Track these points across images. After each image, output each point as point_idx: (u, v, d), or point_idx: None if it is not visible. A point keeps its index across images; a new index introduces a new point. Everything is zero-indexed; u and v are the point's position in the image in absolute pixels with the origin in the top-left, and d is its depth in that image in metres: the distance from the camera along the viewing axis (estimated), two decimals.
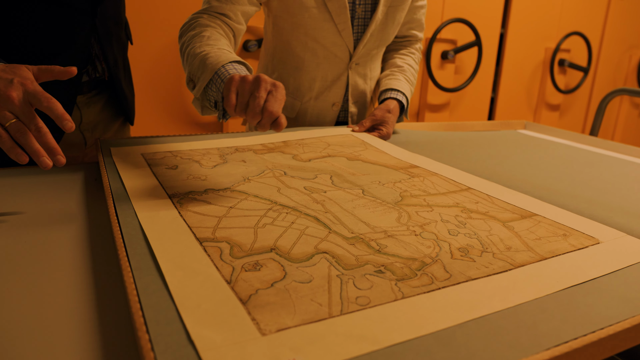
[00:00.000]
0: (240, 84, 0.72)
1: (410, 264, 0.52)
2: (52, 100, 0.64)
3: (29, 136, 0.63)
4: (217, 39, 0.94)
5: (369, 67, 1.28)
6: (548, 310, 0.44)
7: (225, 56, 0.84)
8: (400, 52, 1.34)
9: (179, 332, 0.38)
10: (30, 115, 0.63)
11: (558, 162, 1.02)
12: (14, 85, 0.64)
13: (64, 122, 0.63)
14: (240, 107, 0.71)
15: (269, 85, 0.70)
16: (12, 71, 0.66)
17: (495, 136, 1.27)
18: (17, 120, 0.63)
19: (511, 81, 3.19)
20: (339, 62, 1.22)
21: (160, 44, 2.09)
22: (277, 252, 0.53)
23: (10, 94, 0.63)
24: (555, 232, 0.62)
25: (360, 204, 0.68)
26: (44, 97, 0.64)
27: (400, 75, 1.27)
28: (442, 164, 0.90)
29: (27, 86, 0.64)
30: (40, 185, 0.77)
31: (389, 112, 1.17)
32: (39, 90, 0.64)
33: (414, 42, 1.36)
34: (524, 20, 3.08)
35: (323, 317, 0.41)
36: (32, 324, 0.43)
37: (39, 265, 0.53)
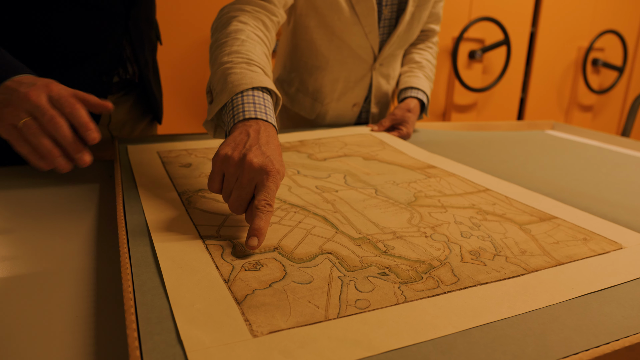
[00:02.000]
0: (224, 164, 0.56)
1: (417, 267, 0.50)
2: (77, 107, 0.59)
3: (42, 136, 0.58)
4: (252, 45, 0.76)
5: (392, 67, 1.26)
6: (560, 319, 0.42)
7: (250, 77, 0.67)
8: (417, 47, 1.31)
9: (169, 331, 0.37)
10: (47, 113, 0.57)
11: (585, 163, 0.98)
12: (36, 86, 0.59)
13: (87, 132, 0.59)
14: (225, 196, 0.57)
15: (256, 174, 0.54)
16: (40, 80, 0.62)
17: (520, 137, 1.23)
18: (30, 119, 0.58)
19: (541, 81, 3.11)
20: (362, 64, 1.19)
21: (185, 44, 2.11)
22: (280, 252, 0.51)
23: (28, 93, 0.58)
24: (574, 236, 0.59)
25: (371, 204, 0.66)
26: (67, 102, 0.59)
27: (419, 72, 1.24)
28: (461, 165, 0.87)
29: (51, 89, 0.59)
30: (56, 180, 0.78)
31: (409, 111, 1.15)
32: (64, 94, 0.59)
33: (431, 35, 1.33)
34: (556, 19, 2.99)
35: (318, 319, 0.40)
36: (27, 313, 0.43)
37: (44, 260, 0.53)
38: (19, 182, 0.77)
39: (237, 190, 0.55)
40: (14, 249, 0.56)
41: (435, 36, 1.33)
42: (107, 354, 0.39)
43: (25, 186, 0.75)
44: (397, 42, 1.18)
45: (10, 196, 0.71)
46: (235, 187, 0.55)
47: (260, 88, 0.67)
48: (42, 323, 0.43)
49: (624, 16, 3.24)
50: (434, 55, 1.32)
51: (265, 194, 0.53)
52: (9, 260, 0.53)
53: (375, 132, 1.11)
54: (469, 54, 2.76)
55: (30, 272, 0.51)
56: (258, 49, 0.76)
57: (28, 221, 0.63)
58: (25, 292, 0.47)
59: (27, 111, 0.58)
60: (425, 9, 1.17)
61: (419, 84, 1.21)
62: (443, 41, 2.70)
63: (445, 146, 1.06)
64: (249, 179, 0.54)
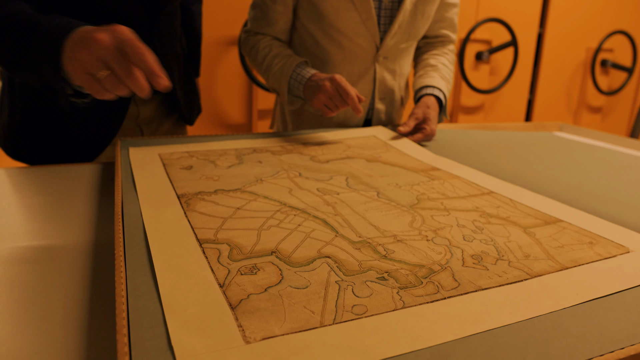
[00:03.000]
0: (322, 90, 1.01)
1: (417, 271, 0.48)
2: (147, 52, 0.59)
3: (120, 87, 0.60)
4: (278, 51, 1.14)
5: (399, 63, 1.24)
6: (563, 326, 0.40)
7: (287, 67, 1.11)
8: (432, 53, 1.30)
9: (160, 336, 0.37)
10: (124, 66, 0.58)
11: (593, 165, 0.96)
12: (105, 29, 0.60)
13: (157, 78, 0.58)
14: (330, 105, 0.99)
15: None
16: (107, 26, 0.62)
17: (527, 138, 1.21)
18: (110, 74, 0.59)
19: (549, 82, 3.08)
20: (365, 55, 1.18)
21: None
22: (277, 256, 0.51)
23: (99, 37, 0.58)
24: (580, 239, 0.57)
25: (373, 207, 0.65)
26: (136, 46, 0.58)
27: (434, 73, 1.22)
28: (465, 167, 0.86)
29: (119, 32, 0.59)
30: (59, 181, 0.78)
31: (428, 107, 1.12)
32: (133, 37, 0.59)
33: (446, 42, 1.31)
34: (564, 19, 2.97)
35: (314, 325, 0.39)
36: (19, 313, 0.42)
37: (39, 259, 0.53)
38: (21, 179, 0.77)
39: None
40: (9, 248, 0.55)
41: (450, 44, 1.31)
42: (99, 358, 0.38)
43: (26, 185, 0.75)
44: (400, 33, 1.17)
45: (11, 195, 0.71)
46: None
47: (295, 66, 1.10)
48: (33, 324, 0.42)
49: (633, 16, 3.20)
50: (451, 61, 1.30)
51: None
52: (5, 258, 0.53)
53: (380, 134, 1.09)
54: (476, 55, 2.74)
55: (25, 270, 0.51)
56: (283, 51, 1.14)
57: (26, 221, 0.63)
58: (18, 292, 0.47)
59: (101, 59, 0.59)
60: (430, 3, 1.16)
61: (434, 82, 1.19)
62: None
63: (451, 147, 1.05)
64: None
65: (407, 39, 1.20)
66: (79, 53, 0.60)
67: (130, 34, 0.60)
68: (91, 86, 0.61)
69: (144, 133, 1.09)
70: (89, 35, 0.60)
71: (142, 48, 0.59)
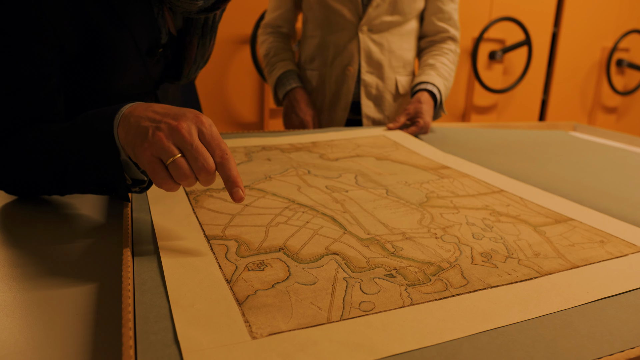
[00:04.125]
0: None
1: (425, 269, 0.48)
2: (229, 155, 0.50)
3: (189, 177, 0.48)
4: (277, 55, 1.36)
5: (386, 38, 1.28)
6: (572, 325, 0.40)
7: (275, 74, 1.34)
8: (431, 52, 1.31)
9: (166, 330, 0.37)
10: (198, 152, 0.48)
11: (606, 164, 0.95)
12: (187, 117, 0.50)
13: (235, 189, 0.49)
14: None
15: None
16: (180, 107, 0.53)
17: (540, 137, 1.20)
18: (181, 157, 0.48)
19: (564, 82, 3.05)
20: (349, 26, 1.26)
21: None
22: (285, 252, 0.50)
23: (179, 124, 0.49)
24: (591, 238, 0.57)
25: (381, 205, 0.65)
26: (219, 146, 0.49)
27: (430, 71, 1.24)
28: (475, 165, 0.85)
29: (203, 124, 0.50)
30: None
31: (420, 102, 1.15)
32: (217, 135, 0.50)
33: (446, 39, 1.31)
34: (579, 18, 2.94)
35: (320, 322, 0.39)
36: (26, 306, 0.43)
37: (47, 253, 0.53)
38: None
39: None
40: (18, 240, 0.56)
41: (451, 42, 1.31)
42: (105, 352, 0.38)
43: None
44: (384, 5, 1.23)
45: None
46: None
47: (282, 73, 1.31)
48: (40, 316, 0.42)
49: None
50: (452, 60, 1.30)
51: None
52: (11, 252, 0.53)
53: (390, 134, 1.09)
54: (489, 55, 2.72)
55: (32, 263, 0.51)
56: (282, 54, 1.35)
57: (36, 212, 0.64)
58: (25, 285, 0.47)
59: (177, 146, 0.49)
60: None
61: (428, 79, 1.21)
62: (463, 42, 2.67)
63: (462, 145, 1.04)
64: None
65: (392, 13, 1.25)
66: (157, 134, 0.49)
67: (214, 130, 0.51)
68: (156, 170, 0.49)
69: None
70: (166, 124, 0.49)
71: (226, 150, 0.50)
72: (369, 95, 1.31)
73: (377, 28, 1.26)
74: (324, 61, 1.32)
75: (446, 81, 1.25)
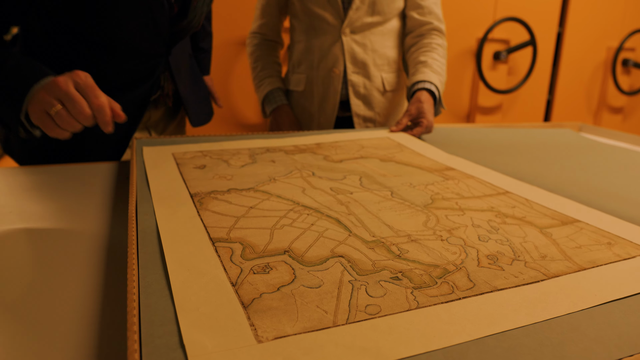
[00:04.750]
0: None
1: (431, 271, 0.48)
2: (101, 99, 0.65)
3: (71, 122, 0.65)
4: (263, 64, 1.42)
5: (369, 38, 1.30)
6: (580, 328, 0.39)
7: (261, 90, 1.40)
8: (421, 50, 1.31)
9: (172, 334, 0.37)
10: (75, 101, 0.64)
11: (613, 165, 0.94)
12: (65, 76, 0.66)
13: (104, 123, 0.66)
14: None
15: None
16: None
17: (546, 137, 1.19)
18: (62, 108, 0.64)
19: (569, 82, 3.03)
20: (332, 30, 1.30)
21: None
22: (290, 255, 0.50)
23: (57, 80, 0.65)
24: (598, 240, 0.56)
25: (386, 207, 0.65)
26: (93, 92, 0.65)
27: (424, 69, 1.24)
28: (481, 166, 0.85)
29: (78, 76, 0.66)
30: (75, 180, 0.78)
31: (420, 102, 1.15)
32: (90, 83, 0.65)
33: (431, 31, 1.31)
34: (584, 18, 2.92)
35: (326, 325, 0.39)
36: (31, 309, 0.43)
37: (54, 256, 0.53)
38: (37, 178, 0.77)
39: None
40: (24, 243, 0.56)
41: (436, 36, 1.31)
42: (110, 355, 0.38)
43: (43, 183, 0.76)
44: (363, 8, 1.26)
45: (28, 193, 0.72)
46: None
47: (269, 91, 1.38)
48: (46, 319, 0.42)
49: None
50: (442, 55, 1.30)
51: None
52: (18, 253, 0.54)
53: (394, 136, 1.09)
54: (493, 55, 2.71)
55: (39, 266, 0.51)
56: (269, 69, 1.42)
57: (42, 218, 0.64)
58: (29, 287, 0.47)
59: (57, 98, 0.65)
60: None
61: (424, 77, 1.21)
62: (467, 42, 2.66)
63: (466, 146, 1.04)
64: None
65: (372, 13, 1.28)
66: (39, 94, 0.67)
67: (88, 80, 0.67)
68: (45, 123, 0.67)
69: (151, 135, 1.13)
70: (51, 80, 0.67)
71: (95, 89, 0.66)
72: (358, 95, 1.34)
73: (359, 29, 1.29)
74: (310, 65, 1.36)
75: (440, 76, 1.25)
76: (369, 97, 1.34)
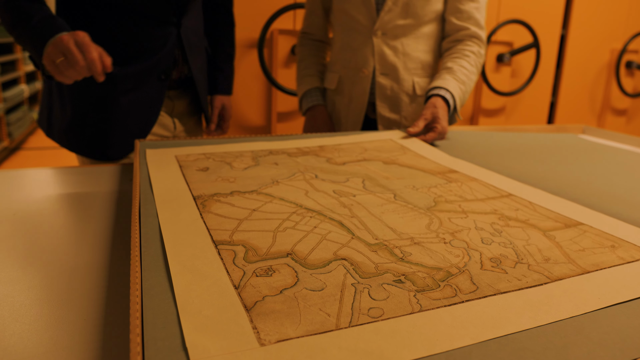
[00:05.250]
0: None
1: (434, 274, 0.48)
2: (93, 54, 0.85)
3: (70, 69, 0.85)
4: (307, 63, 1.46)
5: (401, 41, 1.28)
6: (584, 331, 0.39)
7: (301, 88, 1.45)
8: (451, 55, 1.28)
9: (174, 337, 0.37)
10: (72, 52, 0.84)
11: (616, 168, 0.94)
12: (68, 34, 0.87)
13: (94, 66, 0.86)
14: None
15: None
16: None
17: (549, 140, 1.19)
18: (64, 59, 0.85)
19: (573, 85, 3.03)
20: (364, 31, 1.29)
21: None
22: (293, 257, 0.50)
23: (62, 37, 0.86)
24: (602, 243, 0.56)
25: (389, 209, 0.65)
26: (87, 49, 0.85)
27: (446, 75, 1.22)
28: (484, 169, 0.85)
29: (78, 36, 0.86)
30: (78, 183, 0.79)
31: (435, 107, 1.13)
32: (87, 41, 0.86)
33: (467, 38, 1.27)
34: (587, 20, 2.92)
35: (329, 328, 0.38)
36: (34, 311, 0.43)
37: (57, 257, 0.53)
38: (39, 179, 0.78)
39: None
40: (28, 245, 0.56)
41: (473, 43, 1.27)
42: (113, 357, 0.38)
43: (46, 184, 0.76)
44: (396, 10, 1.24)
45: (31, 194, 0.72)
46: None
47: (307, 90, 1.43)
48: (49, 322, 0.42)
49: None
50: (473, 63, 1.26)
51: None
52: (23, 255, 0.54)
53: (397, 138, 1.09)
54: (497, 57, 2.71)
55: (42, 268, 0.51)
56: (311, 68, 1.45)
57: (45, 219, 0.64)
58: (33, 290, 0.47)
59: (61, 51, 0.85)
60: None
61: (442, 83, 1.19)
62: None
63: (470, 149, 1.03)
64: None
65: (406, 17, 1.25)
66: (49, 48, 0.87)
67: (84, 37, 0.86)
68: (53, 70, 0.88)
69: (176, 127, 1.23)
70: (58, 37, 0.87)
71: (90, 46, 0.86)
72: (384, 97, 1.33)
73: (391, 31, 1.27)
74: (342, 64, 1.37)
75: (463, 85, 1.21)
76: (395, 100, 1.33)
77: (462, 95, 1.21)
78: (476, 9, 1.27)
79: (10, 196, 0.73)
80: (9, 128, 3.95)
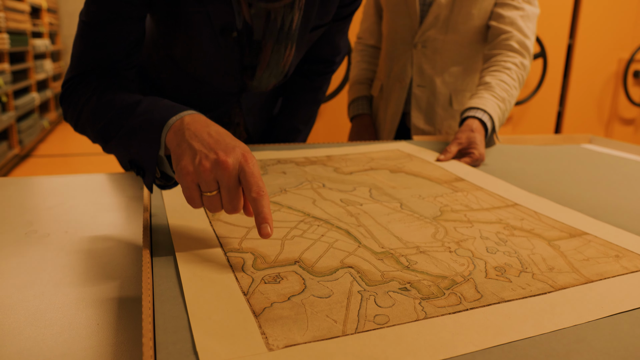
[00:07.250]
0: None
1: (439, 282, 0.49)
2: (264, 193, 0.52)
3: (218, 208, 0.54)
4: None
5: (440, 55, 1.29)
6: (586, 340, 0.40)
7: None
8: (490, 69, 1.18)
9: (185, 341, 0.38)
10: (233, 195, 0.52)
11: (623, 178, 0.94)
12: (235, 153, 0.53)
13: (263, 225, 0.51)
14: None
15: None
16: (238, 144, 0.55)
17: (555, 150, 1.20)
18: (217, 194, 0.53)
19: (580, 94, 3.03)
20: (404, 41, 1.33)
21: None
22: (300, 265, 0.51)
23: (226, 161, 0.52)
24: (606, 252, 0.57)
25: (396, 218, 0.66)
26: (256, 183, 0.52)
27: (484, 93, 1.12)
28: (490, 178, 0.86)
29: (246, 160, 0.53)
30: (91, 191, 0.80)
31: (472, 131, 1.04)
32: (257, 172, 0.52)
33: (508, 47, 1.18)
34: (594, 30, 2.92)
35: (336, 334, 0.39)
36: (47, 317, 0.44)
37: (69, 264, 0.55)
38: (50, 187, 0.79)
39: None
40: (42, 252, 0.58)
41: (515, 53, 1.18)
42: None
43: (58, 192, 0.78)
44: (438, 25, 1.25)
45: (42, 202, 0.73)
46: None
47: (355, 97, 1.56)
48: (63, 326, 0.44)
49: None
50: (515, 77, 1.16)
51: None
52: (37, 261, 0.55)
53: (404, 147, 1.10)
54: None
55: (55, 274, 0.52)
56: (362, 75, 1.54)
57: (57, 226, 0.65)
58: (46, 295, 0.49)
59: (216, 180, 0.52)
60: (471, 2, 1.22)
61: (479, 103, 1.09)
62: None
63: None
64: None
65: (446, 32, 1.26)
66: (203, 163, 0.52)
67: (255, 169, 0.53)
68: (191, 195, 0.53)
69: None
70: (215, 156, 0.52)
71: (262, 189, 0.52)
72: (419, 108, 1.35)
73: (431, 45, 1.29)
74: (385, 72, 1.41)
75: (502, 103, 1.12)
76: (430, 112, 1.34)
77: (501, 115, 1.12)
78: (520, 16, 1.19)
79: (23, 203, 0.74)
80: (20, 136, 4.00)
